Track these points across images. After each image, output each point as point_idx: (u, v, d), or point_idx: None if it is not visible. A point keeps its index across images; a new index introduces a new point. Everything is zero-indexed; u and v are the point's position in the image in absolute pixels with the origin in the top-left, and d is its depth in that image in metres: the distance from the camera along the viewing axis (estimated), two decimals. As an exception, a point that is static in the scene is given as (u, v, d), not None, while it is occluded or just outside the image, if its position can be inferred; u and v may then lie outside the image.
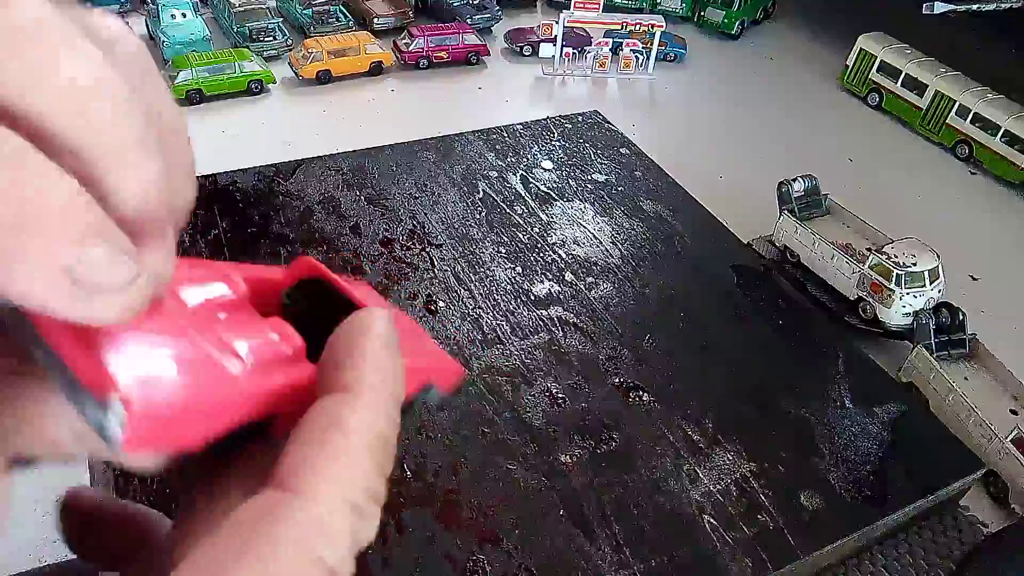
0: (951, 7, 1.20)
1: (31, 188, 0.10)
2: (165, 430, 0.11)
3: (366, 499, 0.12)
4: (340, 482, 0.12)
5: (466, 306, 0.67)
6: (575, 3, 1.24)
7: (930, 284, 0.76)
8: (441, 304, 0.67)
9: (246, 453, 0.14)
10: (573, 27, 1.28)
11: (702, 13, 1.46)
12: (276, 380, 0.13)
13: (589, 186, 0.83)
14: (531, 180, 0.83)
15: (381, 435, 0.13)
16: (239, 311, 0.14)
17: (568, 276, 0.71)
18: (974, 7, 1.22)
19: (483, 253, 0.73)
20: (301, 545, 0.11)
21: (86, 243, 0.10)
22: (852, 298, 0.80)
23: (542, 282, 0.70)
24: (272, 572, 0.11)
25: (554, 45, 1.25)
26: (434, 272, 0.70)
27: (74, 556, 0.17)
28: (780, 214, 0.86)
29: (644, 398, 0.60)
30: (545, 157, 0.87)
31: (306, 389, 0.13)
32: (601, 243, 0.76)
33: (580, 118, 0.94)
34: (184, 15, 1.17)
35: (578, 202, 0.81)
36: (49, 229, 0.10)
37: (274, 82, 1.15)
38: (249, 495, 0.12)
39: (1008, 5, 1.22)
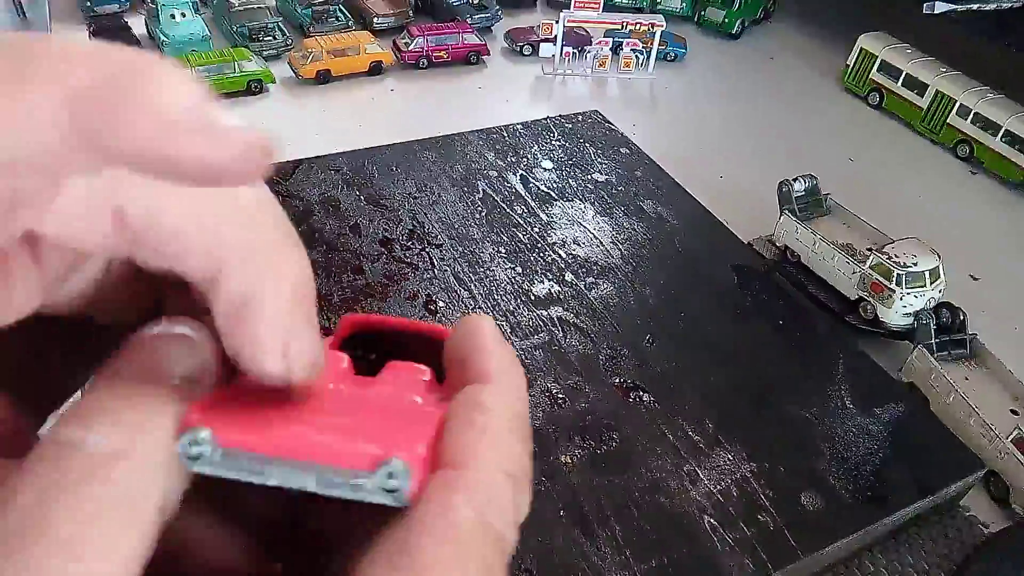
0: (952, 6, 1.20)
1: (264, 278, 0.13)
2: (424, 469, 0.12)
3: (519, 471, 0.13)
4: (496, 454, 0.13)
5: (466, 306, 0.67)
6: (575, 3, 1.24)
7: (931, 284, 0.76)
8: (441, 304, 0.67)
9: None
10: (573, 27, 1.28)
11: (702, 12, 1.46)
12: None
13: (589, 186, 0.83)
14: (531, 180, 0.83)
15: (519, 415, 0.14)
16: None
17: (568, 276, 0.71)
18: (975, 6, 1.22)
19: (483, 253, 0.73)
20: (473, 509, 0.12)
21: (297, 331, 0.13)
22: (853, 298, 0.80)
23: (542, 282, 0.70)
24: (451, 537, 0.12)
25: (554, 45, 1.24)
26: (434, 272, 0.70)
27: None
28: (780, 214, 0.86)
29: (644, 398, 0.60)
30: (545, 157, 0.87)
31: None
32: (601, 243, 0.75)
33: (580, 118, 0.94)
34: (183, 15, 1.17)
35: (578, 202, 0.81)
36: (273, 315, 0.13)
37: (273, 82, 1.15)
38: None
39: (1009, 4, 1.22)
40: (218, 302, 0.12)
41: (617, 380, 0.61)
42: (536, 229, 0.76)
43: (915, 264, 0.76)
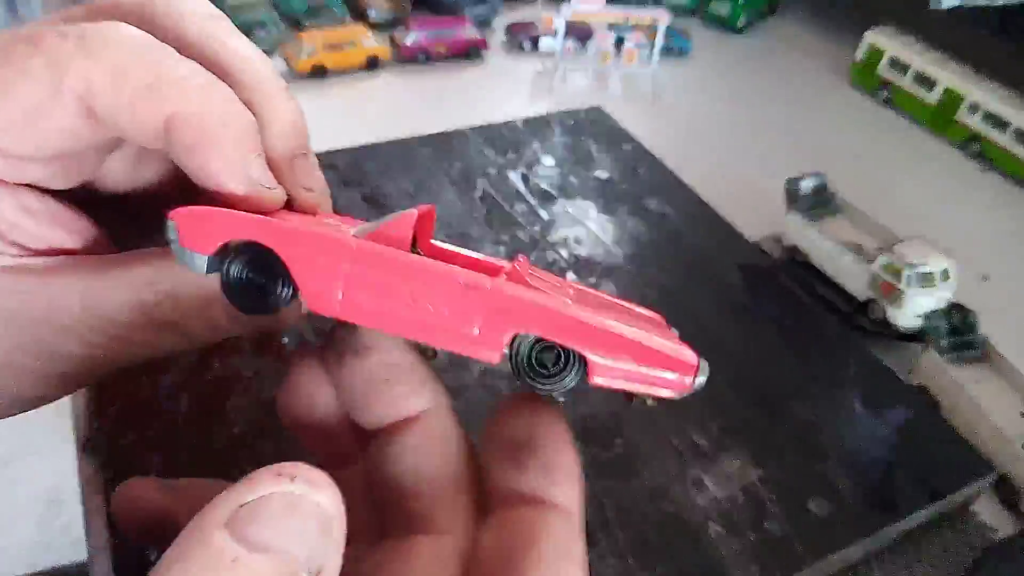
0: (961, 1, 1.18)
1: (231, 106, 0.17)
2: None
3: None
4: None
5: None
6: (577, -4, 1.22)
7: (941, 284, 0.75)
8: (440, 304, 0.65)
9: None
10: (575, 20, 1.27)
11: (707, 6, 1.44)
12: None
13: (591, 183, 0.82)
14: (532, 177, 0.82)
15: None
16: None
17: (570, 276, 0.70)
18: (984, 2, 1.20)
19: (483, 252, 0.71)
20: (569, 550, 0.15)
21: (257, 152, 0.17)
22: (862, 299, 0.79)
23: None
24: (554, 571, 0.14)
25: (555, 39, 1.23)
26: (433, 271, 0.69)
27: (67, 562, 0.20)
28: (788, 212, 0.85)
29: (647, 402, 0.59)
30: (546, 154, 0.86)
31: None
32: (604, 242, 0.74)
33: (582, 114, 0.93)
34: (180, 8, 1.16)
35: (580, 200, 0.79)
36: (239, 133, 0.17)
37: (271, 77, 1.13)
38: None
39: (1019, 0, 1.20)
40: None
41: (620, 383, 0.60)
42: (537, 228, 0.75)
43: (925, 264, 0.74)
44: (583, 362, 0.16)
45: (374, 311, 0.16)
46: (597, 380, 0.16)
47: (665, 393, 0.17)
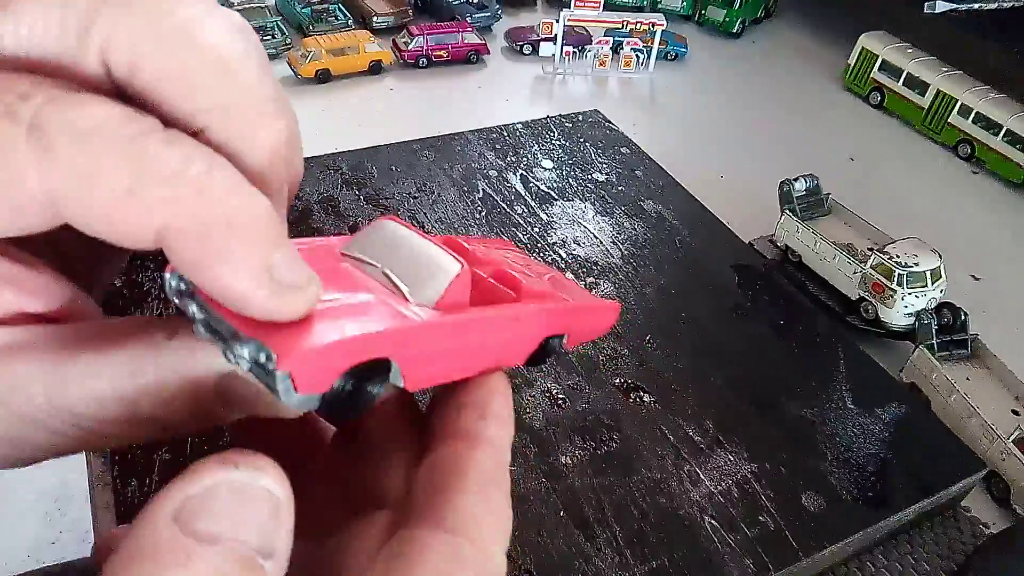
0: (953, 6, 1.20)
1: (237, 198, 0.13)
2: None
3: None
4: (501, 534, 0.14)
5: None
6: (575, 2, 1.23)
7: (932, 284, 0.76)
8: (441, 304, 0.67)
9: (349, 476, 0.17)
10: (573, 26, 1.28)
11: (703, 12, 1.46)
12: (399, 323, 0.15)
13: (589, 185, 0.83)
14: (531, 179, 0.83)
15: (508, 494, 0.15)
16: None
17: (568, 276, 0.71)
18: (976, 6, 1.22)
19: (483, 253, 0.72)
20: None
21: (279, 246, 0.13)
22: (854, 298, 0.80)
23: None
24: None
25: (554, 44, 1.24)
26: (434, 272, 0.70)
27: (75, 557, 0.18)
28: (781, 214, 0.86)
29: (644, 399, 0.60)
30: (545, 156, 0.87)
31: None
32: (602, 243, 0.75)
33: (580, 117, 0.94)
34: (183, 14, 1.17)
35: (578, 202, 0.81)
36: (253, 234, 0.13)
37: (273, 81, 1.14)
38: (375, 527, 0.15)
39: (1011, 4, 1.22)
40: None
41: (617, 380, 0.61)
42: (536, 229, 0.76)
43: (916, 264, 0.76)
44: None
45: (456, 368, 0.17)
46: (568, 347, 0.21)
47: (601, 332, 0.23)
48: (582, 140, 0.90)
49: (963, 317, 0.76)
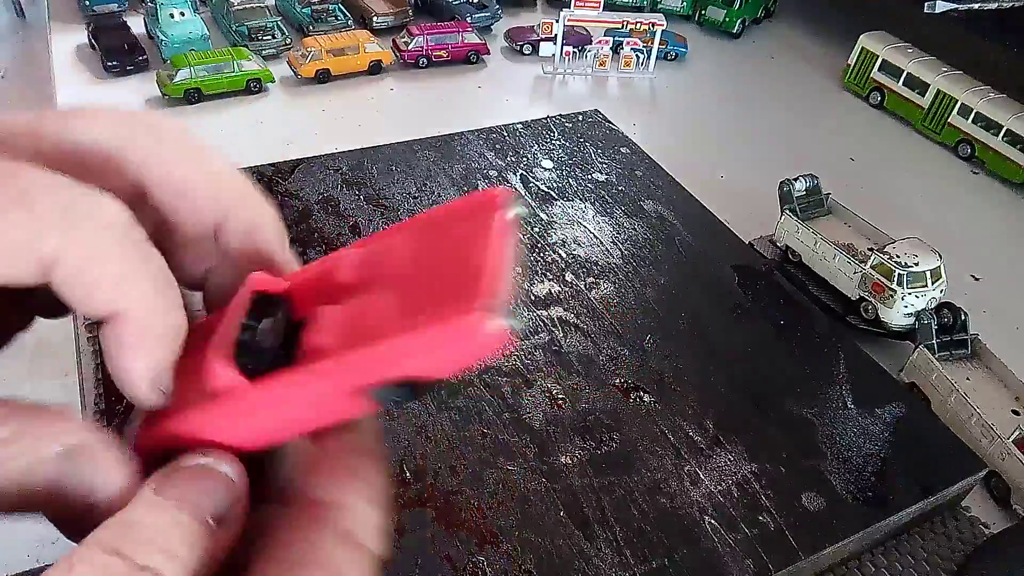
0: (953, 6, 1.20)
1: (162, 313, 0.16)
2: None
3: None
4: (377, 494, 0.16)
5: (466, 306, 0.67)
6: (575, 2, 1.23)
7: (932, 284, 0.76)
8: (441, 304, 0.67)
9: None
10: (573, 26, 1.28)
11: (703, 12, 1.45)
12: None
13: (589, 185, 0.83)
14: (531, 179, 0.83)
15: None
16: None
17: (568, 276, 0.71)
18: (976, 6, 1.22)
19: (483, 253, 0.72)
20: (354, 544, 0.15)
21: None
22: (854, 298, 0.80)
23: (542, 282, 0.70)
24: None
25: (554, 44, 1.24)
26: (434, 272, 0.70)
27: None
28: (781, 214, 0.86)
29: (644, 398, 0.60)
30: (545, 156, 0.87)
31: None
32: (602, 243, 0.75)
33: (580, 117, 0.94)
34: (183, 14, 1.17)
35: (578, 202, 0.81)
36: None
37: (273, 81, 1.14)
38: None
39: (1011, 4, 1.22)
40: (229, 234, 0.17)
41: (617, 380, 0.61)
42: (536, 229, 0.76)
43: (916, 264, 0.76)
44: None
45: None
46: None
47: None
48: (582, 140, 0.90)
49: (963, 317, 0.76)
